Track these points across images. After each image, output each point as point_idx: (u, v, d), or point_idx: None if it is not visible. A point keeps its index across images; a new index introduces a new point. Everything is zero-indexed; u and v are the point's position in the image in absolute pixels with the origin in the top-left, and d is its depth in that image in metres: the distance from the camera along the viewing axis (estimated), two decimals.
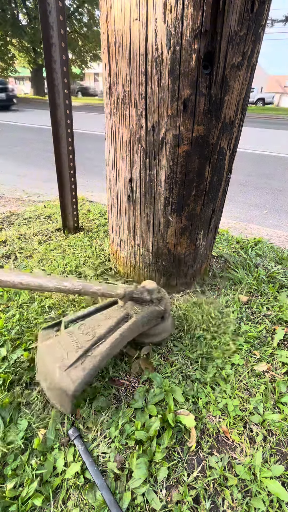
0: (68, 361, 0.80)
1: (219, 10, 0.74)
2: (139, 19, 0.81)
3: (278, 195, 3.14)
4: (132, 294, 0.95)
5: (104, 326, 0.90)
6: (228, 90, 0.88)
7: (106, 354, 0.83)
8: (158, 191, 1.05)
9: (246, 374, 0.97)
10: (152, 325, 1.01)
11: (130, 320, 0.93)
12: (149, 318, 0.97)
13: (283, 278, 1.46)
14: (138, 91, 0.91)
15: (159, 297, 1.02)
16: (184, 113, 0.89)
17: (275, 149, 5.47)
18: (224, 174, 1.10)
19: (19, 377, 0.92)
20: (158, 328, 1.03)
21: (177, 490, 0.69)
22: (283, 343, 1.11)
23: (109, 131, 1.12)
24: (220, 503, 0.68)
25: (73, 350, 0.83)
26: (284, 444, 0.80)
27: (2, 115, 9.53)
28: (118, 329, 0.90)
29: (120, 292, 0.91)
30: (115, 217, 1.29)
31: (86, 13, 18.99)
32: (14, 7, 17.44)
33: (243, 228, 2.17)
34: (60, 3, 1.29)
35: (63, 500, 0.67)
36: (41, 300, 1.24)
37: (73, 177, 1.70)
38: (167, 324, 1.05)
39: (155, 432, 0.77)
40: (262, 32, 0.88)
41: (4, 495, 0.65)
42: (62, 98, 1.46)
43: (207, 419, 0.84)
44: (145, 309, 0.97)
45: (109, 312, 0.98)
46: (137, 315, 0.95)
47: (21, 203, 2.50)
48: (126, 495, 0.67)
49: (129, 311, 0.96)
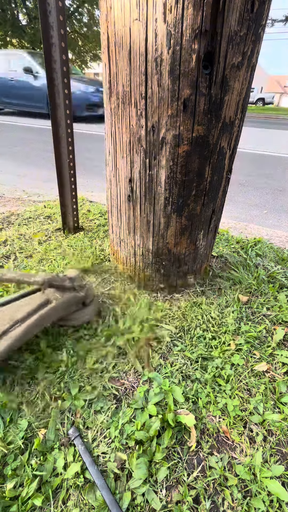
0: None
1: (219, 10, 0.74)
2: (139, 19, 0.81)
3: (278, 195, 3.14)
4: (51, 282, 1.04)
5: (23, 311, 0.97)
6: (228, 90, 0.88)
7: (21, 336, 0.90)
8: (158, 191, 1.05)
9: (246, 374, 0.97)
10: (73, 310, 1.10)
11: (49, 306, 1.01)
12: (69, 303, 1.07)
13: (283, 278, 1.46)
14: (138, 91, 0.91)
15: (81, 284, 1.12)
16: (184, 113, 0.89)
17: (275, 149, 5.47)
18: (224, 174, 1.10)
19: (19, 377, 0.92)
20: (79, 314, 1.12)
21: (177, 490, 0.69)
22: (283, 343, 1.11)
23: (109, 131, 1.12)
24: (220, 503, 0.68)
25: None
26: (284, 444, 0.80)
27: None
28: (36, 314, 0.97)
29: (38, 280, 1.01)
30: (115, 217, 1.29)
31: (86, 13, 18.98)
32: (14, 7, 17.44)
33: (243, 228, 2.17)
34: (60, 3, 1.29)
35: (63, 500, 0.67)
36: None
37: (73, 177, 1.70)
38: (89, 310, 1.15)
39: (155, 432, 0.77)
40: (262, 32, 0.88)
41: (4, 495, 0.65)
42: (62, 98, 1.46)
43: (207, 419, 0.84)
44: (66, 296, 1.06)
45: (30, 299, 1.04)
46: (57, 301, 1.03)
47: (21, 203, 2.50)
48: (126, 495, 0.67)
49: (50, 297, 1.04)
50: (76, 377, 0.93)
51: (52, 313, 1.01)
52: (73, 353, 1.01)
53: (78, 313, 1.12)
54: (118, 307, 1.23)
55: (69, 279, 1.10)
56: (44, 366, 0.96)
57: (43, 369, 0.95)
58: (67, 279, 1.09)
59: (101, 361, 0.99)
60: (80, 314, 1.13)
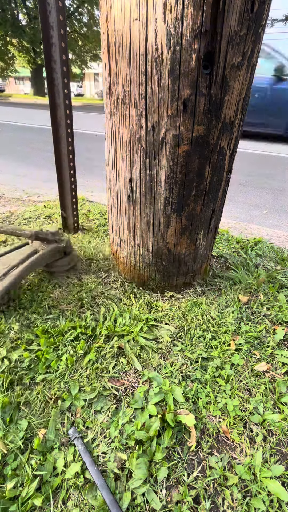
0: None
1: (219, 10, 0.74)
2: (139, 19, 0.81)
3: (278, 195, 3.14)
4: (38, 234, 1.28)
5: (17, 259, 1.24)
6: (228, 90, 0.88)
7: (18, 275, 1.18)
8: (158, 191, 1.05)
9: (246, 374, 0.97)
10: (57, 257, 1.39)
11: (37, 253, 1.30)
12: (53, 252, 1.35)
13: (283, 278, 1.46)
14: (138, 91, 0.91)
15: (61, 238, 1.41)
16: (184, 113, 0.89)
17: (275, 149, 5.47)
18: (224, 174, 1.10)
19: (19, 377, 0.92)
20: (62, 261, 1.42)
21: (177, 490, 0.69)
22: (283, 343, 1.11)
23: (109, 131, 1.12)
24: (220, 503, 0.68)
25: None
26: (284, 444, 0.80)
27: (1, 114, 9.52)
28: (28, 260, 1.25)
29: (27, 232, 1.24)
30: (115, 217, 1.29)
31: (86, 13, 19.00)
32: (14, 7, 17.45)
33: (243, 228, 2.17)
34: (60, 3, 1.29)
35: (63, 500, 0.67)
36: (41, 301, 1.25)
37: (73, 177, 1.70)
38: (69, 258, 1.45)
39: (155, 432, 0.77)
40: (262, 32, 0.88)
41: (4, 495, 0.65)
42: (62, 98, 1.46)
43: (207, 419, 0.84)
44: (50, 246, 1.34)
45: (22, 250, 1.34)
46: (43, 250, 1.32)
47: (21, 203, 2.50)
48: (126, 495, 0.67)
49: (37, 247, 1.34)
50: (76, 377, 0.93)
51: (40, 259, 1.28)
52: (73, 353, 1.01)
53: (60, 261, 1.41)
54: (118, 307, 1.23)
55: (51, 233, 1.37)
56: (44, 366, 0.96)
57: (43, 369, 0.95)
58: (49, 233, 1.36)
59: (101, 361, 0.99)
60: (62, 261, 1.42)
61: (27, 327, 1.11)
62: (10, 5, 16.96)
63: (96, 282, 1.38)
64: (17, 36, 17.33)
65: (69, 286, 1.36)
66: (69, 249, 1.44)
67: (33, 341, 1.05)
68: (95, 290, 1.33)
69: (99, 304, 1.25)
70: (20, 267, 1.20)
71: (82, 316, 1.17)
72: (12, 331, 1.08)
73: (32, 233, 1.24)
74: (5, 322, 1.12)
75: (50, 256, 1.34)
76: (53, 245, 1.35)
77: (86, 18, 19.21)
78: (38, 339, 1.05)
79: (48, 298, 1.26)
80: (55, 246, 1.35)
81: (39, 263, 1.28)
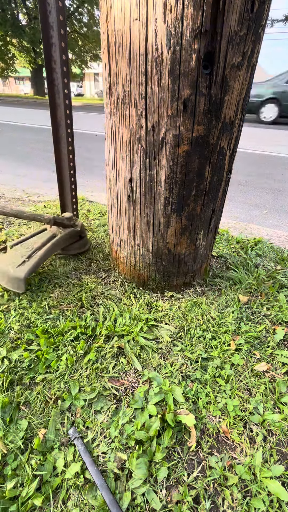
0: (17, 263, 1.25)
1: (219, 10, 0.74)
2: (139, 19, 0.81)
3: (278, 195, 3.14)
4: (55, 219, 1.39)
5: (39, 242, 1.37)
6: (228, 90, 0.88)
7: (42, 256, 1.30)
8: (158, 191, 1.05)
9: (246, 374, 0.97)
10: (74, 240, 1.54)
11: (56, 237, 1.42)
12: (70, 235, 1.48)
13: (283, 278, 1.46)
14: (138, 91, 0.91)
15: (76, 222, 1.53)
16: (184, 113, 0.89)
17: (275, 149, 5.47)
18: (224, 174, 1.10)
19: (19, 377, 0.92)
20: (79, 244, 1.56)
21: (177, 490, 0.69)
22: (283, 343, 1.11)
23: (109, 131, 1.12)
24: (220, 503, 0.68)
25: (19, 257, 1.29)
26: (284, 444, 0.80)
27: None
28: (49, 242, 1.37)
29: (46, 217, 1.34)
30: (115, 217, 1.29)
31: (86, 13, 19.00)
32: (14, 7, 17.45)
33: (243, 228, 2.17)
34: (60, 3, 1.28)
35: (63, 500, 0.67)
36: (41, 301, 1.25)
37: (73, 177, 1.70)
38: (84, 241, 1.60)
39: (155, 432, 0.77)
40: (262, 32, 0.88)
41: (4, 495, 0.65)
42: (62, 98, 1.46)
43: (207, 419, 0.84)
44: (66, 230, 1.47)
45: (41, 235, 1.46)
46: (61, 234, 1.44)
47: (21, 203, 2.50)
48: (126, 495, 0.67)
49: (55, 232, 1.46)
50: (76, 377, 0.93)
51: (60, 242, 1.42)
52: (73, 353, 1.01)
53: (77, 244, 1.55)
54: (118, 307, 1.23)
55: (67, 218, 1.48)
56: (44, 366, 0.96)
57: (43, 369, 0.95)
58: (65, 218, 1.47)
59: (101, 361, 0.99)
60: (78, 244, 1.56)
61: (27, 327, 1.11)
62: (10, 5, 16.95)
63: (96, 282, 1.38)
64: (17, 36, 17.33)
65: (69, 286, 1.36)
66: (84, 233, 1.57)
67: (33, 341, 1.05)
68: (95, 290, 1.33)
69: (99, 304, 1.25)
70: (43, 249, 1.31)
71: (82, 316, 1.17)
72: (12, 331, 1.08)
73: (50, 218, 1.35)
74: (5, 322, 1.12)
75: (68, 239, 1.47)
76: (69, 229, 1.48)
77: (86, 18, 19.21)
78: (38, 339, 1.05)
79: (48, 298, 1.26)
80: (71, 230, 1.48)
81: (59, 245, 1.41)
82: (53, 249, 1.36)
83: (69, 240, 1.49)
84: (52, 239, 1.39)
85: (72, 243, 1.53)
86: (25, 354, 0.97)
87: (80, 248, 1.57)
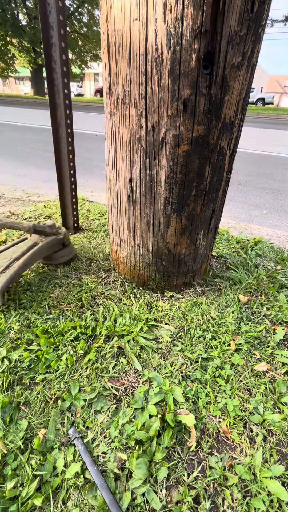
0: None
1: (219, 10, 0.74)
2: (139, 19, 0.81)
3: (278, 195, 3.14)
4: (35, 227, 1.34)
5: (18, 252, 1.32)
6: (228, 90, 0.88)
7: (21, 266, 1.24)
8: (158, 191, 1.05)
9: (246, 374, 0.97)
10: (56, 249, 1.45)
11: (37, 246, 1.35)
12: (52, 244, 1.41)
13: (283, 278, 1.46)
14: (138, 91, 0.91)
15: (58, 230, 1.46)
16: (184, 113, 0.89)
17: (275, 149, 5.47)
18: (224, 174, 1.10)
19: (19, 377, 0.92)
20: (62, 252, 1.48)
21: (177, 490, 0.69)
22: (283, 343, 1.11)
23: (109, 131, 1.12)
24: (220, 503, 0.68)
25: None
26: (284, 444, 0.80)
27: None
28: (29, 252, 1.30)
29: (26, 225, 1.29)
30: (115, 217, 1.29)
31: (86, 13, 19.00)
32: (14, 7, 17.45)
33: (243, 228, 2.17)
34: (60, 3, 1.29)
35: (63, 500, 0.67)
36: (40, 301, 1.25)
37: (73, 177, 1.70)
38: (68, 250, 1.51)
39: (155, 432, 0.77)
40: (262, 32, 0.88)
41: (4, 495, 0.65)
42: (62, 98, 1.46)
43: (207, 419, 0.84)
44: (48, 239, 1.40)
45: (21, 244, 1.41)
46: (42, 242, 1.37)
47: (21, 203, 2.50)
48: (126, 495, 0.67)
49: (36, 240, 1.40)
50: (76, 377, 0.93)
51: (41, 251, 1.35)
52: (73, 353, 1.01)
53: (59, 253, 1.47)
54: (118, 307, 1.23)
55: (49, 226, 1.42)
56: (44, 366, 0.96)
57: (43, 369, 0.95)
58: (47, 226, 1.41)
59: (101, 361, 0.99)
60: (61, 253, 1.47)
61: (27, 327, 1.11)
62: (10, 5, 16.95)
63: (96, 282, 1.38)
64: (17, 36, 17.32)
65: (69, 286, 1.36)
66: (67, 241, 1.49)
67: (33, 341, 1.05)
68: (95, 290, 1.33)
69: (99, 304, 1.25)
70: (22, 259, 1.26)
71: (82, 316, 1.17)
72: (12, 331, 1.08)
73: (30, 226, 1.30)
74: (5, 322, 1.12)
75: (50, 248, 1.40)
76: (51, 237, 1.41)
77: (86, 18, 19.20)
78: (38, 339, 1.05)
79: (48, 298, 1.26)
80: (53, 238, 1.41)
81: (40, 254, 1.34)
82: (33, 259, 1.31)
83: (51, 249, 1.41)
84: (32, 248, 1.33)
85: (55, 252, 1.45)
86: (25, 354, 0.97)
87: (64, 257, 1.49)
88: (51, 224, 1.43)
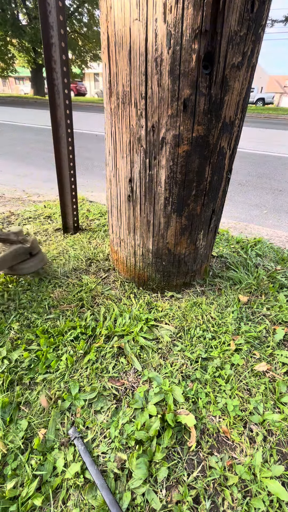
0: None
1: (219, 10, 0.74)
2: (139, 19, 0.81)
3: (278, 195, 3.14)
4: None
5: None
6: (228, 90, 0.88)
7: None
8: (158, 191, 1.05)
9: (246, 374, 0.97)
10: (22, 259, 1.29)
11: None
12: (17, 254, 1.26)
13: (283, 278, 1.46)
14: (138, 91, 0.91)
15: (26, 238, 1.31)
16: (184, 113, 0.89)
17: (275, 149, 5.47)
18: (224, 174, 1.10)
19: (19, 377, 0.92)
20: (30, 262, 1.32)
21: (177, 490, 0.69)
22: (283, 343, 1.11)
23: (109, 131, 1.12)
24: (220, 503, 0.68)
25: None
26: (284, 444, 0.80)
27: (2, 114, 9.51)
28: None
29: None
30: (115, 217, 1.29)
31: (86, 13, 19.00)
32: (14, 7, 17.45)
33: (243, 228, 2.17)
34: (60, 3, 1.28)
35: (63, 500, 0.67)
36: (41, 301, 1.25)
37: (73, 177, 1.70)
38: (38, 259, 1.34)
39: (155, 432, 0.77)
40: (262, 32, 0.88)
41: (4, 495, 0.65)
42: (62, 98, 1.46)
43: (207, 419, 0.84)
44: (13, 247, 1.25)
45: None
46: (4, 252, 1.22)
47: (21, 203, 2.50)
48: (126, 495, 0.67)
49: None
50: (76, 377, 0.93)
51: (1, 262, 1.20)
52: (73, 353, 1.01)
53: (26, 263, 1.31)
54: (118, 307, 1.23)
55: (14, 233, 1.28)
56: (44, 366, 0.96)
57: (43, 369, 0.95)
58: (11, 233, 1.28)
59: (101, 361, 0.99)
60: (28, 263, 1.31)
61: (27, 327, 1.11)
62: (10, 5, 16.95)
63: (96, 282, 1.38)
64: (17, 36, 17.32)
65: (69, 286, 1.36)
66: (36, 250, 1.34)
67: (33, 341, 1.05)
68: (95, 290, 1.33)
69: (99, 304, 1.25)
70: None
71: (82, 316, 1.17)
72: (12, 331, 1.08)
73: None
74: (5, 322, 1.12)
75: (13, 258, 1.25)
76: (16, 246, 1.27)
77: (86, 18, 19.20)
78: (38, 339, 1.05)
79: (48, 298, 1.26)
80: (18, 247, 1.27)
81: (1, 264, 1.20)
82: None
83: (16, 259, 1.26)
84: None
85: (22, 262, 1.30)
86: (25, 354, 0.97)
87: (32, 268, 1.33)
88: (17, 231, 1.29)
